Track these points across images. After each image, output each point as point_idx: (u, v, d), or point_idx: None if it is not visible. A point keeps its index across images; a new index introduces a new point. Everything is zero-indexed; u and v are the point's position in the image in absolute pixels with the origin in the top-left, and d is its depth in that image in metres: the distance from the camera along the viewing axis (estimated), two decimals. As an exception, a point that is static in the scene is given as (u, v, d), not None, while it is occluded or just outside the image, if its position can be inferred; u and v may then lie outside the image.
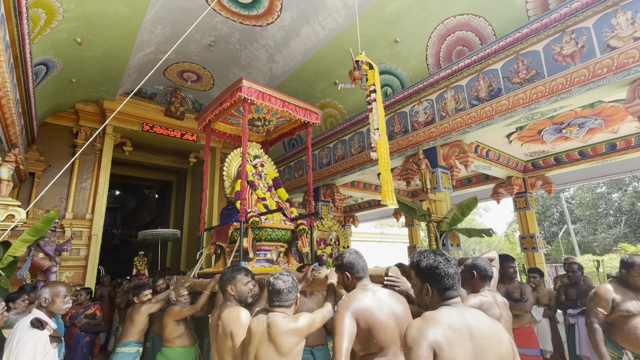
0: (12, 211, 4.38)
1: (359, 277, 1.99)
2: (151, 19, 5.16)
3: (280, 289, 2.02)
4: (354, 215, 10.59)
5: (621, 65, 3.35)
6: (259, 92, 3.98)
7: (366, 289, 1.91)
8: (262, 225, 3.82)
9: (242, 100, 3.89)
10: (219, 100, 4.27)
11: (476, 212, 24.27)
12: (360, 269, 2.00)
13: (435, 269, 1.45)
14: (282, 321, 1.94)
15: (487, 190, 7.80)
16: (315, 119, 4.54)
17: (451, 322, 1.29)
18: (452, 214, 4.76)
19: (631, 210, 19.26)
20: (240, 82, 3.89)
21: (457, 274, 1.45)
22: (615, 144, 5.77)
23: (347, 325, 1.71)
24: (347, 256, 2.04)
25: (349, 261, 2.01)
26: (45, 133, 6.75)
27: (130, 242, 16.47)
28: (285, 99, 4.21)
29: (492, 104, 4.39)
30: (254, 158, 4.66)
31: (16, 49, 3.72)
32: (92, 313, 4.67)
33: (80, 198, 6.86)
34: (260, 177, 4.48)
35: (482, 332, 1.29)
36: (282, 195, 4.57)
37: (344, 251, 2.09)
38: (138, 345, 3.40)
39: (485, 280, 2.40)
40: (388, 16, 4.98)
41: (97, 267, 6.64)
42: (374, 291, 1.90)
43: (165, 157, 9.83)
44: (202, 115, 4.66)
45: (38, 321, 2.16)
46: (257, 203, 4.14)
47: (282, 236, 4.04)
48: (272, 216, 3.99)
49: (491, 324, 1.35)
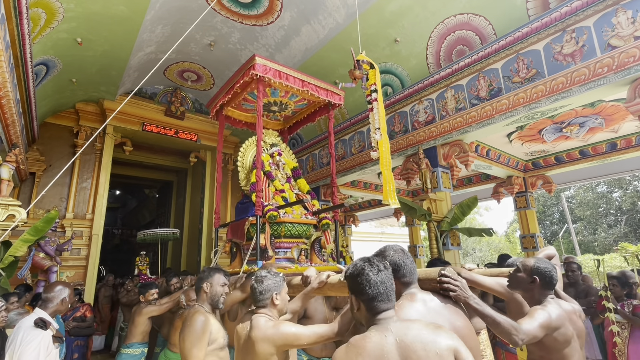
0: (12, 211, 4.38)
1: (406, 282, 1.52)
2: (151, 19, 5.16)
3: (253, 288, 1.91)
4: (354, 215, 10.59)
5: (622, 65, 3.34)
6: (275, 71, 3.52)
7: (414, 299, 1.47)
8: (280, 220, 3.39)
9: (257, 80, 3.47)
10: (230, 82, 3.85)
11: (476, 211, 24.27)
12: (407, 272, 1.52)
13: (357, 276, 1.28)
14: (262, 325, 1.77)
15: (488, 189, 7.80)
16: (339, 100, 4.13)
17: (374, 349, 1.15)
18: (453, 214, 4.76)
19: (632, 209, 19.24)
20: (253, 60, 3.44)
21: (385, 283, 1.27)
22: (615, 143, 5.77)
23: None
24: (390, 255, 1.56)
25: (394, 261, 1.52)
26: (45, 133, 6.75)
27: (130, 241, 16.49)
28: (304, 79, 3.79)
29: (493, 104, 4.39)
30: (271, 147, 4.23)
31: (16, 49, 3.72)
32: (82, 315, 4.46)
33: (80, 198, 6.86)
34: (278, 167, 4.08)
35: (413, 352, 1.13)
36: (303, 187, 4.15)
37: (384, 248, 1.63)
38: (142, 346, 3.37)
39: (549, 288, 1.83)
40: (388, 15, 4.98)
41: (98, 267, 6.64)
42: (425, 301, 1.47)
43: (166, 157, 9.83)
44: (213, 100, 4.22)
45: (42, 321, 2.17)
46: (275, 195, 3.75)
47: (303, 232, 3.61)
48: (291, 210, 3.60)
49: (429, 336, 1.16)
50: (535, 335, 1.59)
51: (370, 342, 1.16)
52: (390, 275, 1.32)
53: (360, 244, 13.92)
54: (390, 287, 1.28)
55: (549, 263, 1.87)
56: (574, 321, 1.75)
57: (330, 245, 3.74)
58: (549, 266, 1.84)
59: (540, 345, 1.68)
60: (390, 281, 1.30)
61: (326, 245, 3.69)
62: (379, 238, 16.15)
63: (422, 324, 1.23)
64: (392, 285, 1.30)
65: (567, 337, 1.67)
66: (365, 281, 1.26)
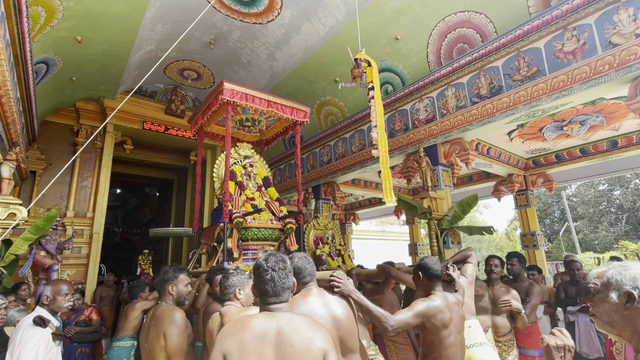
0: (13, 209, 4.39)
1: (306, 282, 1.89)
2: (151, 17, 5.15)
3: (220, 283, 2.30)
4: (354, 213, 10.60)
5: (623, 62, 3.33)
6: (242, 94, 4.00)
7: (309, 294, 1.84)
8: (247, 226, 3.88)
9: (225, 103, 3.92)
10: (205, 104, 4.31)
11: (477, 209, 24.25)
12: (307, 274, 1.89)
13: (256, 270, 1.52)
14: (234, 311, 2.06)
15: (488, 187, 7.79)
16: (304, 117, 4.55)
17: (257, 328, 1.33)
18: (453, 212, 4.75)
19: (632, 207, 19.22)
20: (221, 86, 3.92)
21: (276, 280, 1.45)
22: (616, 141, 5.76)
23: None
24: (295, 261, 1.91)
25: (297, 266, 1.88)
26: (46, 131, 6.76)
27: (131, 240, 16.51)
28: (270, 99, 4.23)
29: (493, 102, 4.37)
30: (244, 158, 4.70)
31: (16, 47, 3.72)
32: (87, 318, 3.99)
33: (81, 196, 6.88)
34: (249, 177, 4.56)
35: (289, 340, 1.30)
36: (272, 195, 4.63)
37: (292, 255, 1.96)
38: (132, 340, 3.42)
39: (433, 280, 2.26)
40: (389, 13, 4.97)
41: (99, 265, 6.66)
42: (316, 295, 1.84)
43: (166, 156, 9.84)
44: (192, 118, 4.71)
45: (40, 319, 2.17)
46: (245, 203, 4.23)
47: (269, 235, 4.10)
48: (259, 216, 4.03)
49: (307, 332, 1.35)
50: (408, 322, 2.06)
51: (256, 322, 1.36)
52: (281, 276, 1.48)
53: (361, 242, 13.93)
54: (279, 286, 1.46)
55: (431, 259, 2.33)
56: (454, 310, 2.20)
57: (294, 247, 4.17)
58: (429, 262, 2.29)
59: (423, 328, 2.16)
60: (281, 281, 1.47)
61: (290, 247, 4.14)
62: (379, 236, 16.15)
63: (305, 321, 1.41)
64: (283, 285, 1.47)
65: (444, 322, 2.11)
66: (261, 277, 1.48)
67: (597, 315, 1.28)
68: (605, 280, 1.26)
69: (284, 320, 1.36)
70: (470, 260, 2.75)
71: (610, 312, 1.23)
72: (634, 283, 1.18)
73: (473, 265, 2.72)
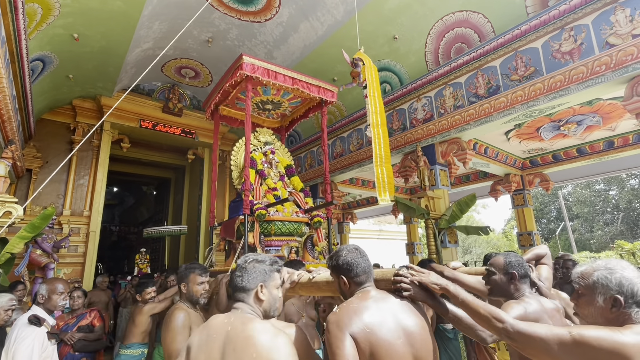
0: (9, 208, 4.36)
1: (359, 282, 1.51)
2: (148, 15, 5.12)
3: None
4: (352, 212, 10.60)
5: (619, 63, 3.35)
6: (264, 69, 3.48)
7: (366, 297, 1.45)
8: (270, 218, 3.41)
9: (245, 79, 3.45)
10: (221, 82, 3.87)
11: (474, 209, 24.35)
12: (361, 271, 1.51)
13: (233, 273, 1.49)
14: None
15: (485, 187, 7.82)
16: (332, 97, 4.05)
17: (213, 326, 1.35)
18: (451, 211, 4.77)
19: (628, 207, 19.35)
20: (240, 59, 3.42)
21: (233, 280, 1.45)
22: (613, 141, 5.79)
23: (348, 350, 1.28)
24: (344, 255, 1.56)
25: (346, 261, 1.53)
26: (42, 129, 6.71)
27: (128, 238, 16.46)
28: (295, 76, 3.71)
29: (491, 101, 4.39)
30: (264, 145, 4.23)
31: (12, 45, 3.69)
32: (89, 324, 3.40)
33: (77, 195, 6.84)
34: (270, 166, 4.07)
35: (233, 344, 1.26)
36: (297, 185, 4.15)
37: (340, 248, 1.63)
38: (142, 347, 3.21)
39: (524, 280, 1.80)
40: (387, 13, 4.96)
41: (96, 264, 6.63)
42: (377, 299, 1.44)
43: (163, 154, 9.80)
44: (207, 100, 4.28)
45: (35, 318, 2.16)
46: (267, 194, 3.74)
47: (294, 230, 3.60)
48: (282, 208, 3.58)
49: (250, 332, 1.28)
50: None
51: (216, 321, 1.36)
52: (237, 275, 1.46)
53: (359, 241, 13.95)
54: (235, 286, 1.44)
55: (518, 256, 1.87)
56: (556, 319, 1.70)
57: (322, 243, 3.71)
58: (519, 259, 1.85)
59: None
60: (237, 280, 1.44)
61: (318, 243, 3.66)
62: (377, 235, 16.18)
63: (262, 326, 1.32)
64: (236, 285, 1.44)
65: None
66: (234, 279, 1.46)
67: (582, 315, 1.31)
68: (591, 282, 1.27)
69: (237, 322, 1.32)
70: (544, 261, 2.13)
71: (596, 315, 1.25)
72: (620, 288, 1.20)
73: (548, 267, 2.11)
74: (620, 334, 1.11)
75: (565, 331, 1.17)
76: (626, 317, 1.18)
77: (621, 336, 1.09)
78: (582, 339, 1.12)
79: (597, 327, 1.17)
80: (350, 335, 1.30)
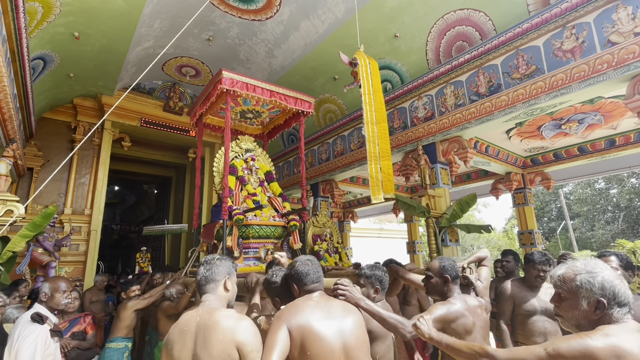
0: (10, 206, 4.36)
1: (309, 290, 1.71)
2: (149, 13, 5.12)
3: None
4: (353, 211, 10.60)
5: (621, 61, 3.34)
6: (242, 83, 3.81)
7: (310, 298, 1.67)
8: (248, 223, 3.69)
9: (225, 92, 3.75)
10: (204, 94, 4.14)
11: (475, 207, 24.32)
12: (310, 281, 1.72)
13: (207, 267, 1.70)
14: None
15: (486, 186, 7.81)
16: (308, 108, 4.35)
17: (184, 320, 1.53)
18: (452, 210, 4.76)
19: (629, 206, 19.33)
20: (220, 74, 3.73)
21: (200, 273, 1.65)
22: (614, 140, 5.78)
23: (280, 338, 1.47)
24: (297, 265, 1.77)
25: (298, 271, 1.73)
26: (43, 128, 6.72)
27: (129, 237, 16.48)
28: (272, 89, 4.02)
29: (492, 100, 4.38)
30: (245, 152, 4.50)
31: (13, 43, 3.69)
32: (83, 330, 3.16)
33: (79, 193, 6.85)
34: (251, 172, 4.35)
35: (203, 332, 1.44)
36: (275, 190, 4.43)
37: (295, 259, 1.83)
38: (126, 341, 3.39)
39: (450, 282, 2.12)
40: (388, 11, 4.95)
41: (97, 263, 6.64)
42: (319, 301, 1.66)
43: (164, 153, 9.80)
44: (192, 110, 4.56)
45: (38, 315, 2.17)
46: (247, 199, 4.03)
47: (271, 233, 3.89)
48: (260, 212, 3.86)
49: (216, 319, 1.47)
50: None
51: (186, 315, 1.55)
52: (206, 269, 1.66)
53: (359, 239, 13.96)
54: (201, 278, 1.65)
55: (451, 260, 2.17)
56: (477, 314, 2.03)
57: (298, 245, 4.00)
58: (452, 263, 2.14)
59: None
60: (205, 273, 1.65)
61: (294, 245, 3.98)
62: (377, 234, 16.18)
63: (226, 313, 1.51)
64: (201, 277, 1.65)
65: (467, 328, 1.94)
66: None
67: (565, 318, 1.35)
68: (574, 287, 1.30)
69: (204, 313, 1.50)
70: (485, 263, 2.51)
71: (579, 318, 1.30)
72: (602, 291, 1.25)
73: (488, 268, 2.48)
74: (590, 339, 1.17)
75: (541, 349, 1.26)
76: (607, 318, 1.24)
77: (590, 342, 1.16)
78: (556, 353, 1.21)
79: (568, 338, 1.24)
80: (287, 327, 1.51)
